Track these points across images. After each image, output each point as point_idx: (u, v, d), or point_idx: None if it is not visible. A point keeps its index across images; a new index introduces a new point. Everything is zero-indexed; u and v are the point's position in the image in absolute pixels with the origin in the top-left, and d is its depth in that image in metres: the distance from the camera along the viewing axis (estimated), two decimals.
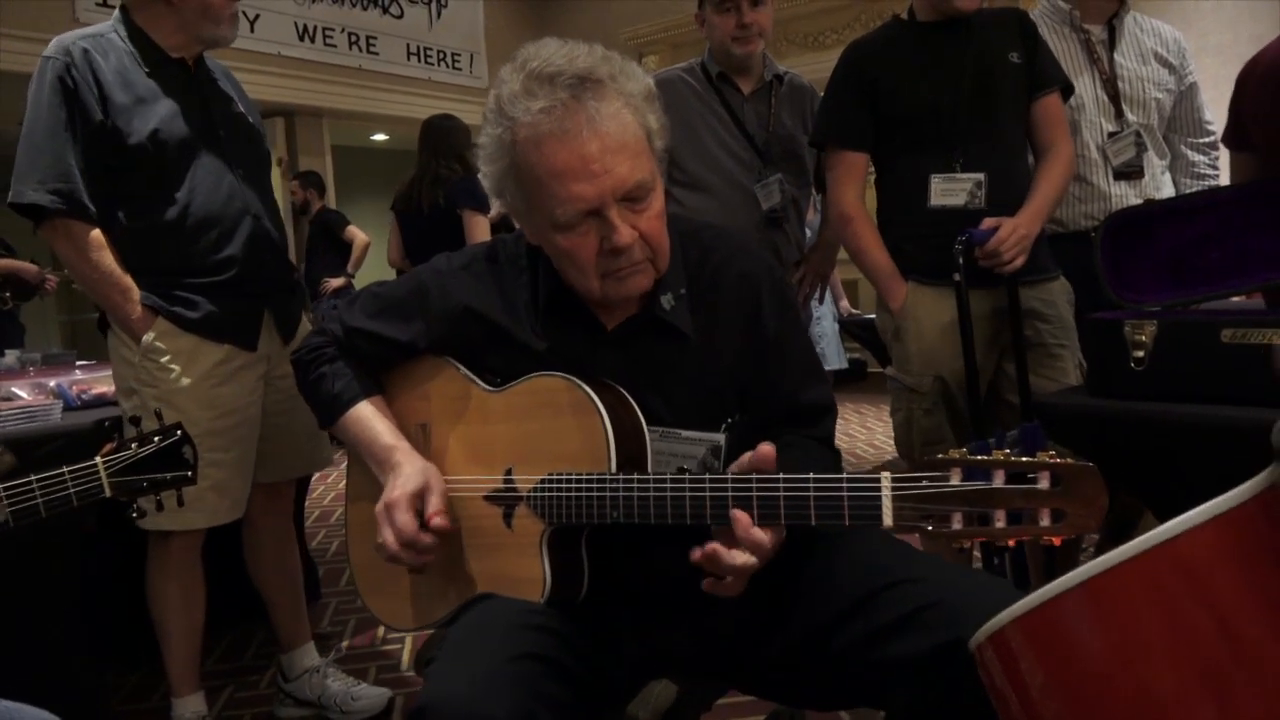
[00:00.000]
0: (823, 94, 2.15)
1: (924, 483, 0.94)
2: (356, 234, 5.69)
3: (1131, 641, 0.41)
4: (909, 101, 1.93)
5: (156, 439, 1.30)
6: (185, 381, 1.87)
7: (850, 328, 4.23)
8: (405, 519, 1.15)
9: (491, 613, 1.12)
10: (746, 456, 1.07)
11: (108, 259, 1.83)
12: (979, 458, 0.92)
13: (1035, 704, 0.46)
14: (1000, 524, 0.91)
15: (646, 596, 1.20)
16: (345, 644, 2.66)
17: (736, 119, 2.47)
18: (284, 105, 7.06)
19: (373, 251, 5.81)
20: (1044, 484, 0.90)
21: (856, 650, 1.09)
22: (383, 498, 1.19)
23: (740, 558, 1.03)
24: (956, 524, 0.93)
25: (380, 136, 9.13)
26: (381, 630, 2.72)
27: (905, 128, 1.95)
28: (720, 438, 1.21)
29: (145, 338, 1.86)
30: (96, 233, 1.83)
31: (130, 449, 1.26)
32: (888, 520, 0.96)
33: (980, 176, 1.90)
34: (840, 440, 4.88)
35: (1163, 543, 0.42)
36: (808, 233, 2.87)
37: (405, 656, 2.54)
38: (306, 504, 3.68)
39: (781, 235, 2.51)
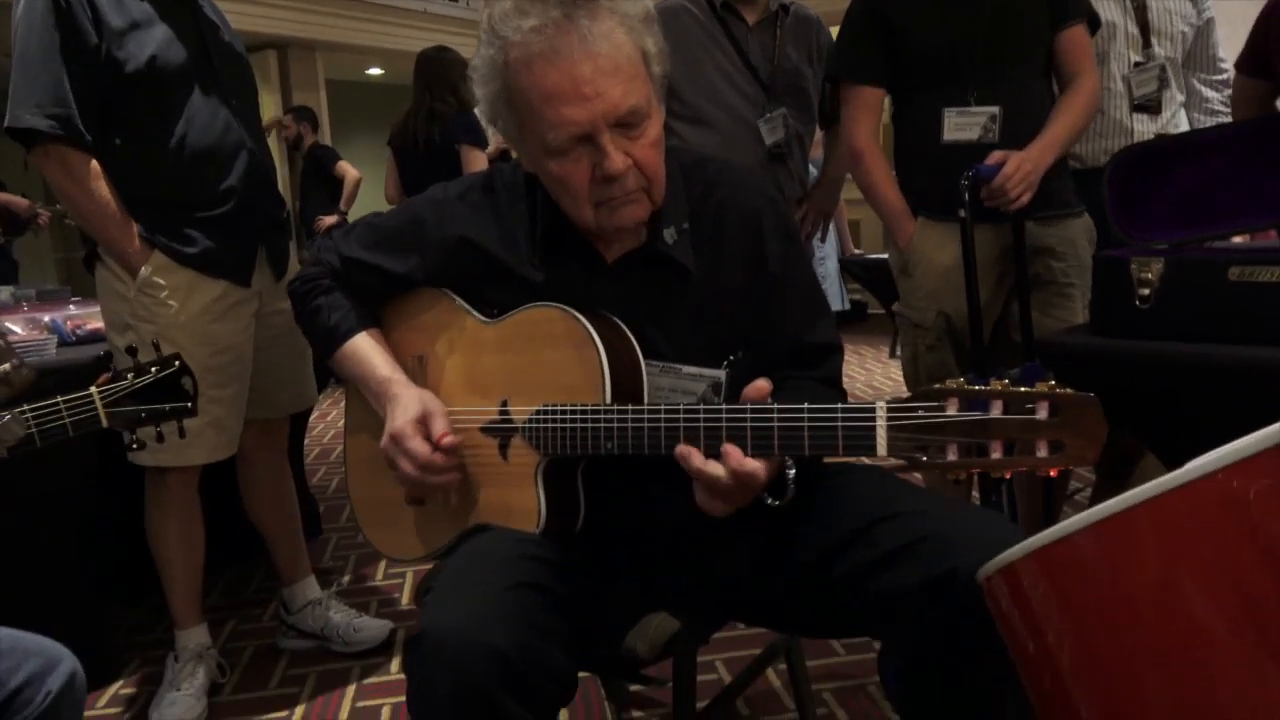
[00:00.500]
0: (838, 27, 2.09)
1: (920, 412, 0.93)
2: (348, 170, 5.61)
3: (1172, 575, 0.40)
4: (925, 35, 1.88)
5: (154, 370, 1.28)
6: (183, 317, 1.85)
7: (852, 268, 4.19)
8: (416, 444, 1.15)
9: (489, 543, 1.12)
10: (744, 392, 1.06)
11: (104, 189, 1.79)
12: (976, 387, 0.91)
13: (1051, 636, 0.45)
14: (997, 455, 0.91)
15: (644, 531, 1.20)
16: (346, 579, 2.68)
17: (740, 51, 2.40)
18: (277, 37, 6.91)
19: (369, 188, 5.74)
20: (1042, 414, 0.89)
21: (854, 581, 1.09)
22: (386, 430, 1.18)
23: (712, 466, 1.02)
24: (952, 455, 0.92)
25: (375, 70, 8.96)
26: (382, 565, 2.75)
27: (921, 62, 1.91)
28: (721, 374, 1.20)
29: (142, 271, 1.83)
30: (93, 162, 1.78)
31: (126, 380, 1.24)
32: (882, 450, 0.95)
33: (994, 110, 1.85)
34: (864, 388, 4.90)
35: (1210, 474, 0.41)
36: (811, 170, 2.82)
37: (406, 592, 2.56)
38: (306, 441, 3.69)
39: (785, 171, 2.46)
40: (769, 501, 1.10)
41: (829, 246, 4.11)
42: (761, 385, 1.05)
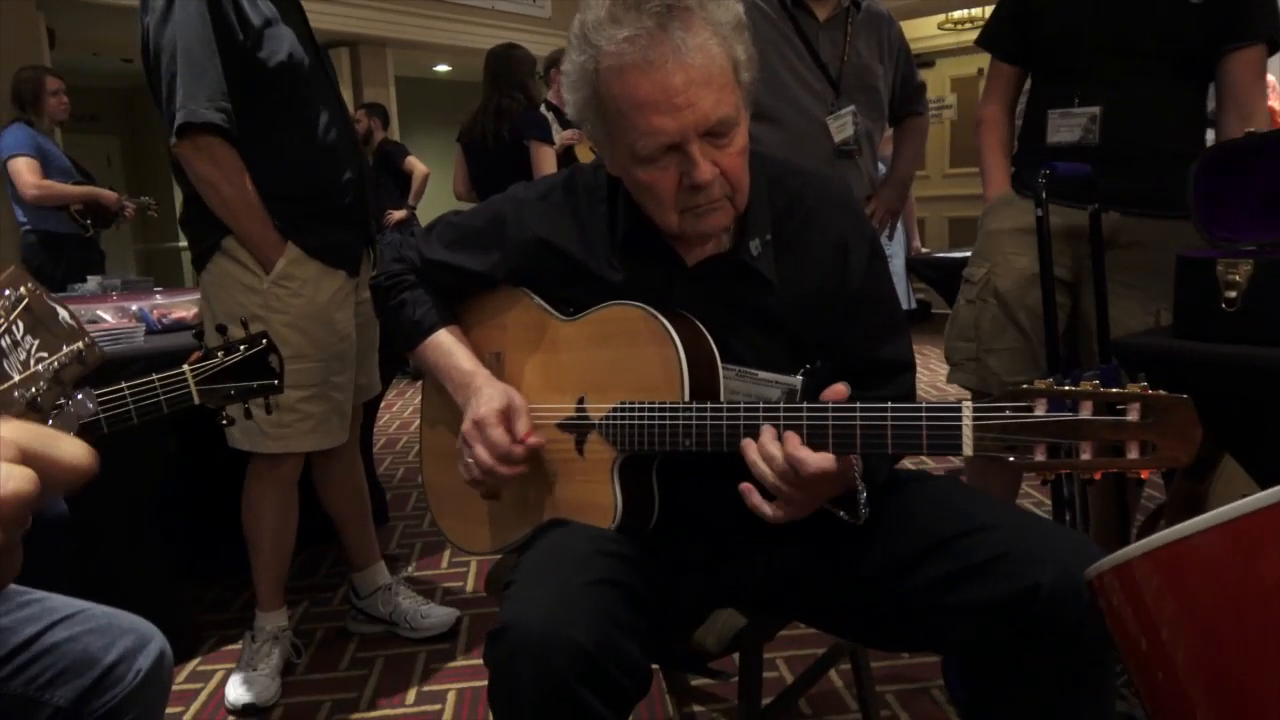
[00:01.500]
0: (910, 21, 2.07)
1: (1007, 412, 0.92)
2: (416, 165, 5.70)
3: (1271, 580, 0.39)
4: (1052, 26, 1.85)
5: (243, 348, 1.32)
6: (314, 307, 1.92)
7: (918, 267, 4.12)
8: (498, 433, 1.17)
9: (567, 538, 1.13)
10: (822, 394, 1.06)
11: (248, 183, 1.84)
12: (1066, 388, 0.90)
13: (1166, 633, 0.45)
14: (1087, 456, 0.89)
15: (716, 528, 1.21)
16: (411, 567, 2.74)
17: (810, 47, 2.39)
18: (348, 35, 7.05)
19: (437, 184, 5.83)
20: (1134, 416, 0.87)
21: (926, 594, 1.08)
22: (469, 416, 1.20)
23: (761, 466, 1.03)
24: (1040, 455, 0.91)
25: (443, 67, 9.08)
26: (447, 554, 2.81)
27: (1044, 50, 1.90)
28: (797, 381, 1.19)
29: (279, 264, 1.89)
30: (238, 156, 1.83)
31: (217, 358, 1.28)
32: (968, 450, 0.94)
33: (1095, 110, 1.80)
34: (927, 389, 4.83)
35: None
36: (880, 167, 2.79)
37: (470, 580, 2.61)
38: (374, 431, 3.78)
39: (853, 169, 2.44)
40: (843, 516, 1.10)
41: (896, 245, 4.06)
42: (840, 388, 1.05)
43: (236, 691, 1.97)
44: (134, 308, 2.47)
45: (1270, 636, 0.39)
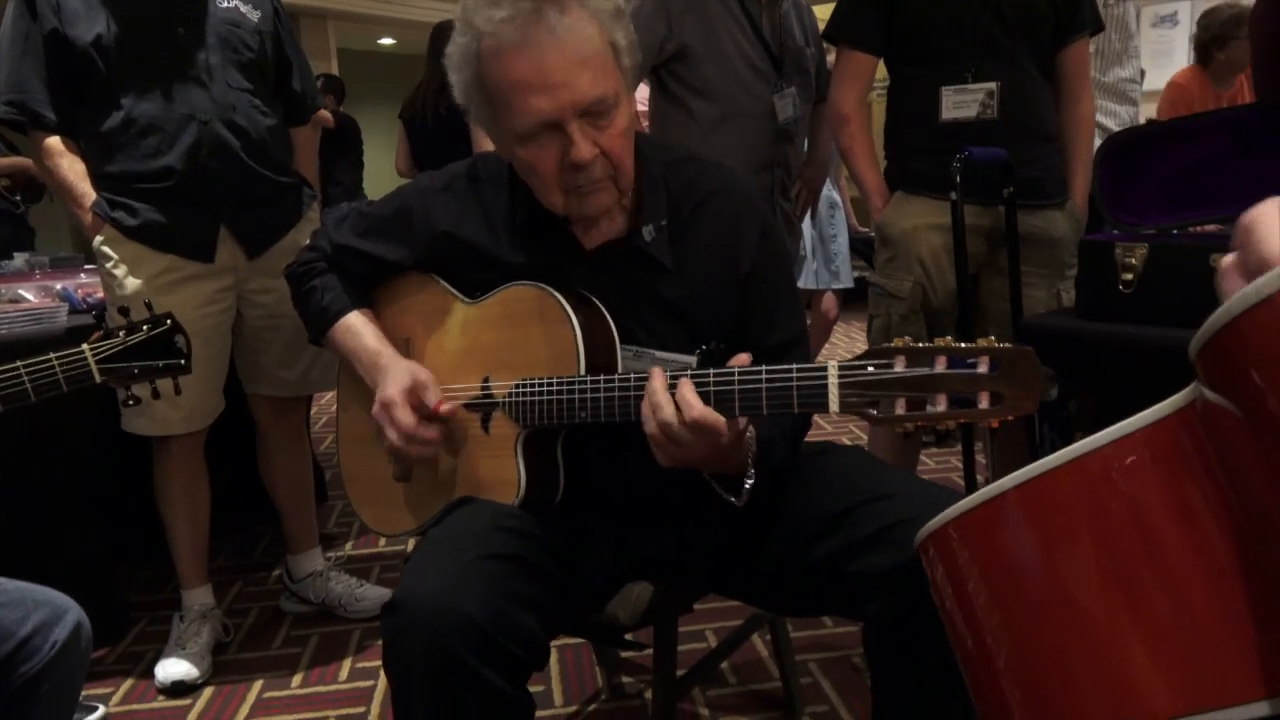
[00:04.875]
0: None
1: (869, 369, 0.97)
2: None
3: (1059, 540, 0.43)
4: (927, 6, 1.88)
5: (145, 328, 1.32)
6: (129, 288, 1.90)
7: (856, 245, 4.20)
8: (404, 414, 1.19)
9: (467, 516, 1.16)
10: (729, 361, 1.08)
11: (63, 164, 1.88)
12: (919, 345, 0.95)
13: (969, 599, 0.48)
14: (941, 407, 0.94)
15: (622, 501, 1.24)
16: (349, 545, 2.75)
17: (755, 26, 2.41)
18: (288, 5, 6.89)
19: (381, 160, 5.76)
20: (983, 368, 0.92)
21: (831, 563, 1.12)
22: (378, 398, 1.22)
23: (649, 402, 1.04)
24: (900, 409, 0.95)
25: (387, 41, 8.94)
26: None
27: (920, 34, 1.91)
28: (692, 360, 1.22)
29: (95, 241, 1.91)
30: (53, 140, 1.88)
31: (119, 337, 1.28)
32: (834, 406, 0.99)
33: (992, 86, 1.85)
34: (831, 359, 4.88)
35: (1093, 450, 0.44)
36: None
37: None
38: (314, 410, 3.75)
39: (793, 149, 2.48)
40: (721, 493, 1.13)
41: (839, 224, 4.10)
42: (744, 357, 1.08)
43: (165, 670, 1.97)
44: (58, 286, 2.42)
45: (1051, 595, 0.43)
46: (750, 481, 1.11)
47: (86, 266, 3.13)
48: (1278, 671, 0.34)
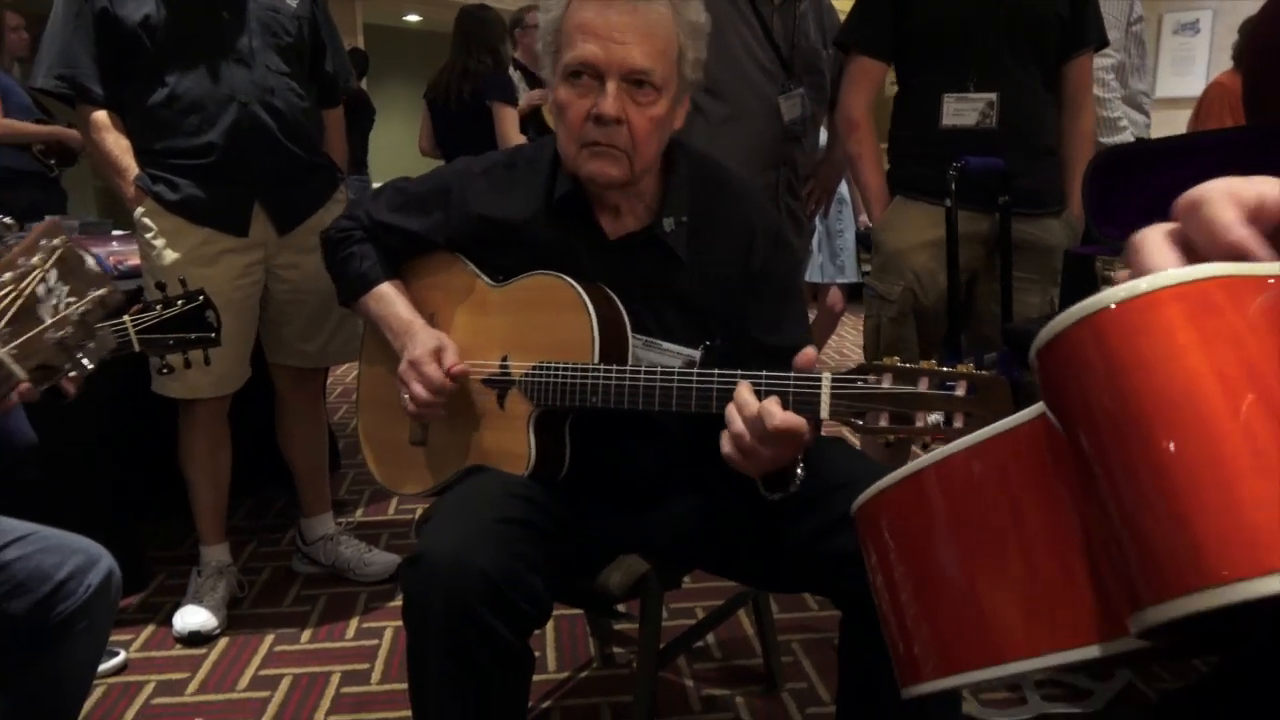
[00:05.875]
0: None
1: (859, 383, 1.06)
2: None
3: (952, 520, 0.52)
4: (933, 14, 1.95)
5: (180, 303, 1.42)
6: (167, 259, 1.99)
7: (863, 240, 4.27)
8: (432, 368, 1.29)
9: (483, 482, 1.26)
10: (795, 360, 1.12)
11: (109, 139, 1.98)
12: (907, 365, 1.04)
13: (886, 570, 0.57)
14: (921, 424, 1.03)
15: (619, 480, 1.33)
16: (360, 512, 2.86)
17: (765, 27, 2.47)
18: None
19: (404, 139, 5.84)
20: (961, 391, 1.02)
21: (807, 543, 1.22)
22: (405, 358, 1.32)
23: (734, 410, 1.09)
24: (883, 421, 1.05)
25: (413, 17, 9.00)
26: (394, 501, 2.92)
27: (926, 41, 1.98)
28: (696, 354, 1.31)
29: (136, 213, 2.00)
30: (100, 114, 1.97)
31: (156, 310, 1.37)
32: (824, 413, 1.08)
33: (992, 96, 1.93)
34: (833, 354, 4.99)
35: (991, 438, 0.53)
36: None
37: (414, 527, 2.73)
38: (330, 380, 3.86)
39: (799, 150, 2.55)
40: (769, 496, 1.19)
41: (846, 220, 4.17)
42: (809, 353, 1.12)
43: (183, 620, 2.09)
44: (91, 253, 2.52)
45: (941, 569, 0.52)
46: (801, 475, 1.17)
47: (115, 233, 3.24)
48: (1105, 622, 0.43)
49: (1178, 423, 0.38)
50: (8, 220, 0.74)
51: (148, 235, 2.01)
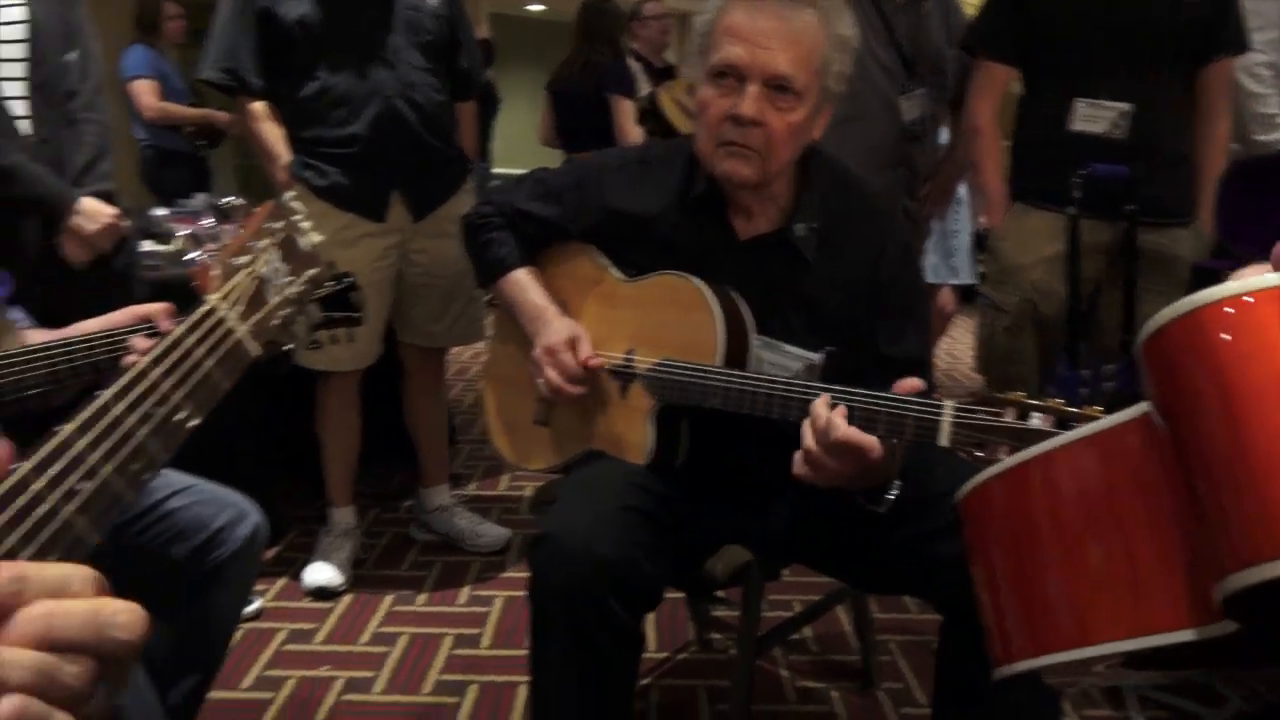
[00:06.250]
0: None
1: (980, 414, 1.07)
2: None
3: (1053, 508, 0.56)
4: (1065, 22, 1.92)
5: (329, 284, 1.54)
6: (314, 241, 2.12)
7: (981, 242, 4.18)
8: (567, 356, 1.36)
9: (605, 469, 1.34)
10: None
11: (265, 127, 2.14)
12: (1032, 401, 1.03)
13: (986, 555, 0.62)
14: None
15: (732, 476, 1.39)
16: (473, 486, 3.00)
17: (888, 27, 2.47)
18: None
19: (526, 128, 5.98)
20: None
21: (908, 547, 1.24)
22: (540, 344, 1.39)
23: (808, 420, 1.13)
24: (1003, 454, 1.05)
25: (537, 7, 9.18)
26: (506, 478, 3.05)
27: (1057, 48, 1.94)
28: (818, 358, 1.34)
29: (284, 196, 2.13)
30: (258, 104, 2.13)
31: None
32: (944, 441, 1.09)
33: (1127, 106, 1.89)
34: (944, 356, 4.89)
35: (1094, 434, 0.56)
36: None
37: (525, 503, 2.85)
38: (445, 359, 4.02)
39: (918, 150, 2.53)
40: (867, 507, 1.21)
41: (963, 220, 4.09)
42: (915, 383, 1.14)
43: (312, 576, 2.25)
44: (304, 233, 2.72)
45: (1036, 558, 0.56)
46: (895, 493, 1.19)
47: (254, 212, 3.47)
48: (1197, 608, 0.47)
49: (1267, 409, 0.44)
50: (239, 200, 0.81)
51: (294, 218, 2.16)
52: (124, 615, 0.39)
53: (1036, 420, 1.04)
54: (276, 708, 1.81)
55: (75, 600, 0.38)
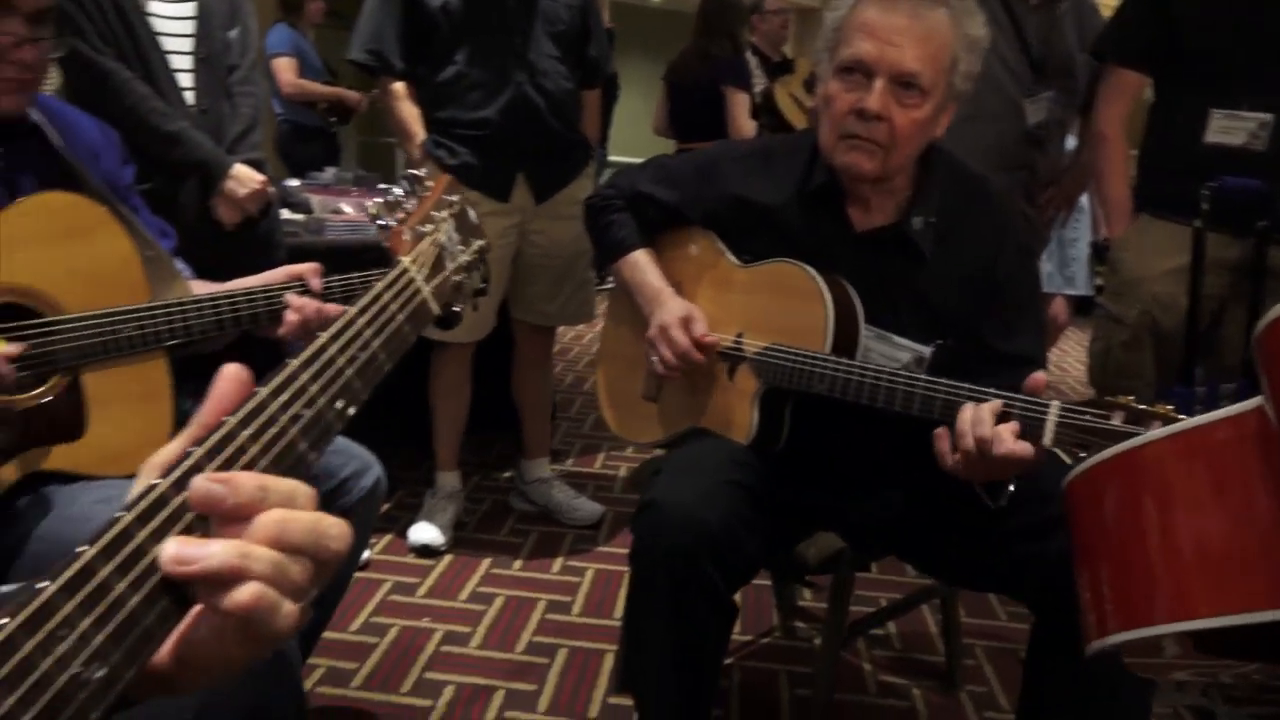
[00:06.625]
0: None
1: (1087, 416, 1.07)
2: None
3: (1161, 491, 0.58)
4: (1205, 30, 1.86)
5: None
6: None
7: (1100, 253, 4.05)
8: (680, 334, 1.41)
9: (710, 444, 1.39)
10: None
11: (403, 107, 2.25)
12: (1141, 407, 1.03)
13: (1090, 535, 0.64)
14: None
15: (831, 462, 1.42)
16: (570, 462, 3.09)
17: (1018, 28, 2.43)
18: None
19: (640, 112, 6.05)
20: None
21: (1007, 543, 1.26)
22: (655, 323, 1.45)
23: (967, 427, 1.14)
24: None
25: None
26: (602, 456, 3.14)
27: (1197, 56, 1.89)
28: (927, 351, 1.36)
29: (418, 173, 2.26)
30: (399, 85, 2.25)
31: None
32: (1047, 440, 1.10)
33: (1268, 118, 1.82)
34: (1053, 369, 4.74)
35: (1204, 425, 0.59)
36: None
37: (619, 482, 2.93)
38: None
39: (1040, 154, 2.49)
40: (992, 503, 1.24)
41: (1082, 229, 3.97)
42: (1039, 377, 1.16)
43: (417, 534, 2.38)
44: (369, 204, 2.87)
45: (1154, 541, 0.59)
46: (1012, 487, 1.22)
47: (380, 186, 3.63)
48: None
49: None
50: (421, 172, 0.89)
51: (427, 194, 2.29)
52: (336, 529, 0.47)
53: (1149, 428, 1.03)
54: (380, 651, 1.93)
55: (302, 511, 0.46)
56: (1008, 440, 1.11)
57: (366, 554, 2.29)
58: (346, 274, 1.38)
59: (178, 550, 0.42)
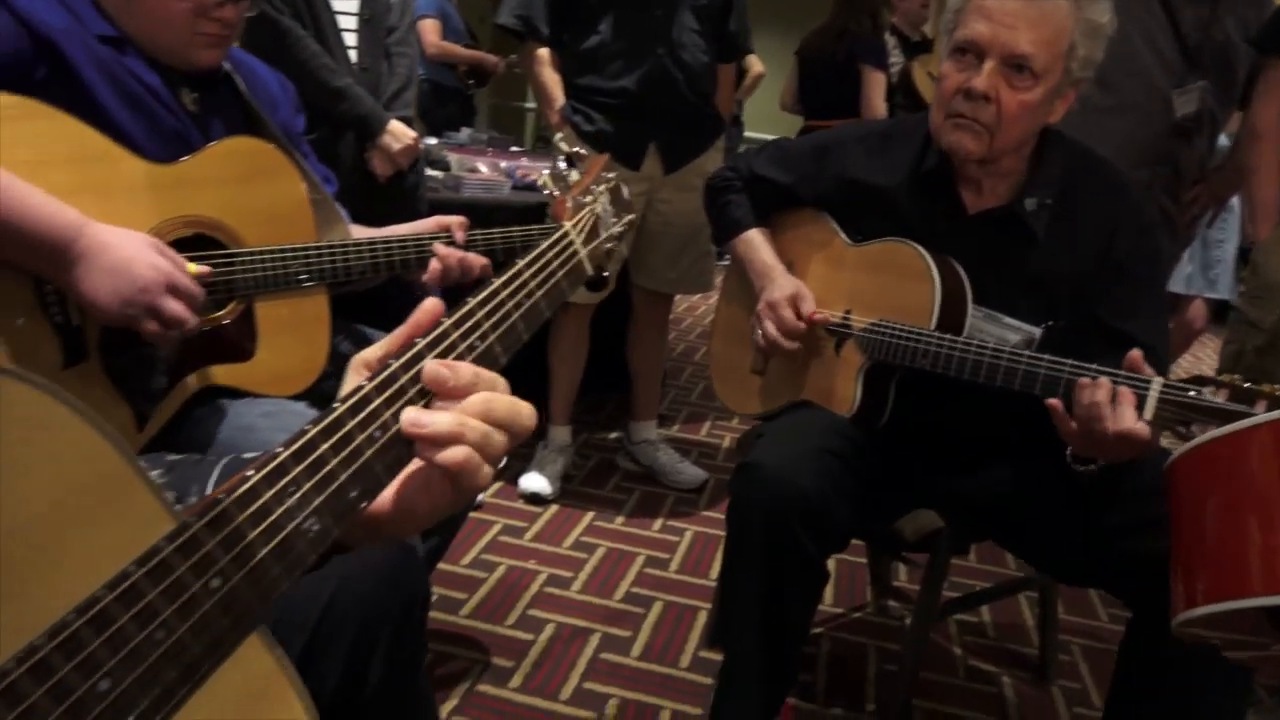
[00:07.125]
0: None
1: (1190, 393, 1.08)
2: (754, 63, 5.88)
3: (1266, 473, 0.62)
4: None
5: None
6: (573, 180, 2.32)
7: (1246, 257, 3.84)
8: (787, 313, 1.47)
9: (812, 414, 1.44)
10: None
11: (545, 72, 2.34)
12: (1247, 385, 1.03)
13: (1187, 513, 0.68)
14: None
15: (934, 441, 1.44)
16: (676, 427, 3.17)
17: (1172, 18, 2.34)
18: None
19: (769, 91, 6.00)
20: None
21: (1111, 537, 1.26)
22: (764, 299, 1.50)
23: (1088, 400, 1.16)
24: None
25: None
26: (707, 424, 3.20)
27: None
28: (1037, 331, 1.37)
29: (555, 137, 2.34)
30: (543, 51, 2.34)
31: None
32: (1148, 414, 1.11)
33: None
34: (1183, 375, 4.51)
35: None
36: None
37: (722, 451, 2.99)
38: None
39: (1186, 148, 2.39)
40: (1078, 468, 1.27)
41: (1230, 230, 3.77)
42: (1134, 355, 1.17)
43: (527, 482, 2.50)
44: (503, 165, 2.99)
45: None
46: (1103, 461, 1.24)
47: (512, 149, 3.76)
48: None
49: None
50: (584, 150, 0.99)
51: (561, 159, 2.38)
52: (527, 410, 0.60)
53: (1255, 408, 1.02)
54: (489, 586, 2.06)
55: (503, 394, 0.59)
56: (1128, 416, 1.11)
57: (480, 496, 2.43)
58: (488, 229, 1.48)
59: (415, 415, 0.56)
